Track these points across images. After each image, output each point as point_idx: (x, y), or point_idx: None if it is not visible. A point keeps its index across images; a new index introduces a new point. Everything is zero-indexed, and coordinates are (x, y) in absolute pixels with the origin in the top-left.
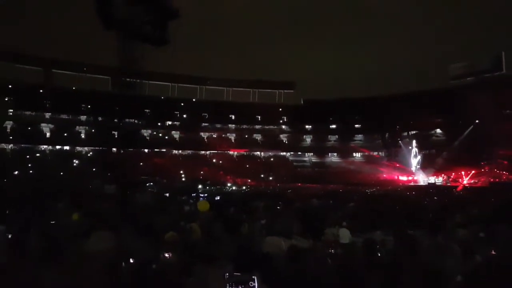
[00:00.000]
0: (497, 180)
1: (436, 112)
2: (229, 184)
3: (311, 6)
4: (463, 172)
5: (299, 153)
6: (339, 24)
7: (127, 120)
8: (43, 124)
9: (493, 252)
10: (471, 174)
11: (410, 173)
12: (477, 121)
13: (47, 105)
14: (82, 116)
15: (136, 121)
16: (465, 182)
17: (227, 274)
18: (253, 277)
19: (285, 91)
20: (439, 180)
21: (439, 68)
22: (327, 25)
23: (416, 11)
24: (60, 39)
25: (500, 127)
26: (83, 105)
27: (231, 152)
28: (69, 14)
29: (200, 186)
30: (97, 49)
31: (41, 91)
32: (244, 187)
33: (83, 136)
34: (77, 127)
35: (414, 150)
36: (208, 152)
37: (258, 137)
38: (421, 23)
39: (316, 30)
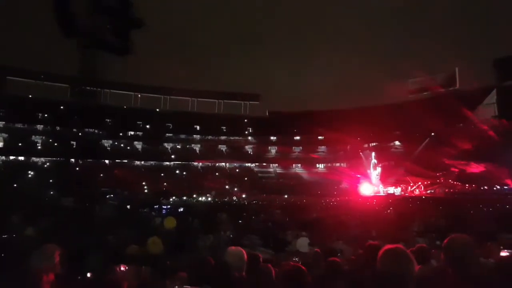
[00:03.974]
0: (451, 190)
1: (394, 125)
2: (194, 196)
3: (277, 20)
4: (419, 183)
5: (264, 164)
6: (303, 37)
7: (87, 130)
8: None
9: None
10: (427, 185)
11: (370, 184)
12: (432, 133)
13: (0, 114)
14: (38, 126)
15: (96, 131)
16: (421, 192)
17: (177, 286)
18: None
19: (251, 102)
20: (397, 190)
21: (398, 82)
22: (292, 39)
23: (377, 27)
24: (15, 45)
25: (455, 139)
26: (39, 114)
27: (195, 163)
28: (25, 19)
29: (163, 198)
30: (56, 57)
31: None
32: (209, 199)
33: (39, 146)
34: (33, 136)
35: (374, 161)
36: (172, 163)
37: (223, 148)
38: (382, 39)
39: (281, 44)
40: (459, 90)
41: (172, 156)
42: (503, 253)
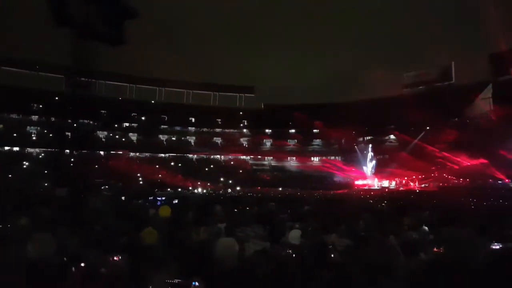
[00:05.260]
0: (445, 184)
1: (389, 119)
2: (190, 188)
3: (273, 12)
4: (414, 177)
5: (259, 156)
6: (299, 30)
7: (81, 121)
8: None
9: (435, 250)
10: (421, 179)
11: (365, 177)
12: (427, 128)
13: None
14: (33, 116)
15: (91, 122)
16: (415, 186)
17: (167, 279)
18: (193, 282)
19: (246, 95)
20: (392, 184)
21: (393, 76)
22: (288, 31)
23: (373, 21)
24: (9, 35)
25: (449, 134)
26: (34, 105)
27: (190, 155)
28: (20, 9)
29: (157, 190)
30: (50, 47)
31: None
32: (203, 191)
33: (34, 137)
34: (28, 127)
35: (369, 155)
36: (167, 155)
37: (218, 140)
38: (377, 32)
39: (277, 36)
40: (454, 84)
41: (167, 148)
42: (494, 247)
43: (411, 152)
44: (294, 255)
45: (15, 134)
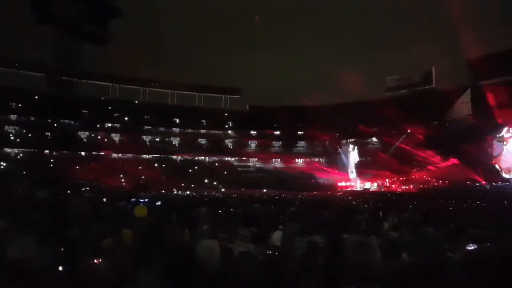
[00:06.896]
0: (425, 186)
1: (372, 122)
2: (174, 189)
3: (259, 15)
4: (395, 178)
5: (244, 158)
6: (285, 33)
7: (62, 120)
8: None
9: (417, 251)
10: (402, 181)
11: (348, 179)
12: (409, 130)
13: None
14: (12, 116)
15: (73, 122)
16: (396, 187)
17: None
18: None
19: (231, 96)
20: (374, 186)
21: (376, 79)
22: (274, 34)
23: (357, 24)
24: None
25: (429, 136)
26: (13, 104)
27: (174, 157)
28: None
29: (140, 191)
30: (31, 44)
31: None
32: (187, 192)
33: (12, 137)
34: (6, 127)
35: (352, 157)
36: (150, 156)
37: (203, 141)
38: (361, 36)
39: (263, 38)
40: (434, 88)
41: (151, 149)
42: (470, 247)
43: (393, 155)
44: (278, 256)
45: None
